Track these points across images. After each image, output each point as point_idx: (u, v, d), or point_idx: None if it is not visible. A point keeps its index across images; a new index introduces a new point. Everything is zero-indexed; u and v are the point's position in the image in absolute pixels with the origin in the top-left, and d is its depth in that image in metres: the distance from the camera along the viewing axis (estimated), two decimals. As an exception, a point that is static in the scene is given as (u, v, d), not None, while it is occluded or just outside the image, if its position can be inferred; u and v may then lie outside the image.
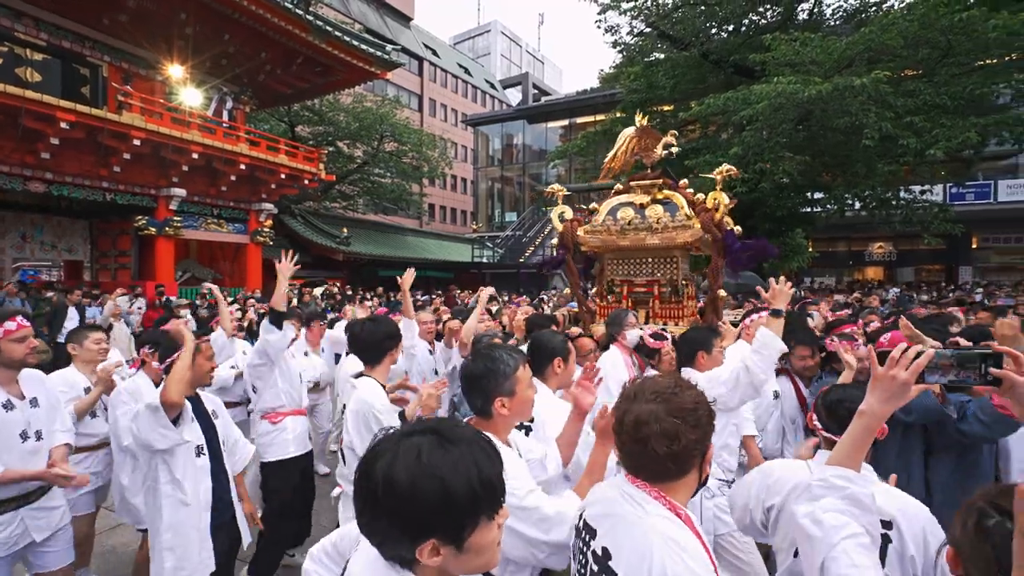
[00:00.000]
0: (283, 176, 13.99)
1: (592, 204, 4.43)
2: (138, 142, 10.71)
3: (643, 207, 4.02)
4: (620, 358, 3.20)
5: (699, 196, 3.96)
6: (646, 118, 4.16)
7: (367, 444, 2.24)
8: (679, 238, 3.83)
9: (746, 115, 10.10)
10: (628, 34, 15.17)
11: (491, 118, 33.99)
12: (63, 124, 9.56)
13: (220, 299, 3.86)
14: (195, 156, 11.77)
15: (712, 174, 3.86)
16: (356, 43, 13.83)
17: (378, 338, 2.46)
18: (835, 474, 1.15)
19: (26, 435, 2.28)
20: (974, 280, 18.64)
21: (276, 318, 2.96)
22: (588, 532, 1.22)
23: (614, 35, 15.16)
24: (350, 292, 14.83)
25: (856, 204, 12.78)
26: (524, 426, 2.08)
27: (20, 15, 10.09)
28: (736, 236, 3.78)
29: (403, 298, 3.41)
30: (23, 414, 2.29)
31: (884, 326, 3.72)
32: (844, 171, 11.80)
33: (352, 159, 22.08)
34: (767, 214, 12.60)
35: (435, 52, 36.78)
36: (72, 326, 7.86)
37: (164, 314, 10.37)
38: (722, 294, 4.04)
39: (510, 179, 33.56)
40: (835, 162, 11.59)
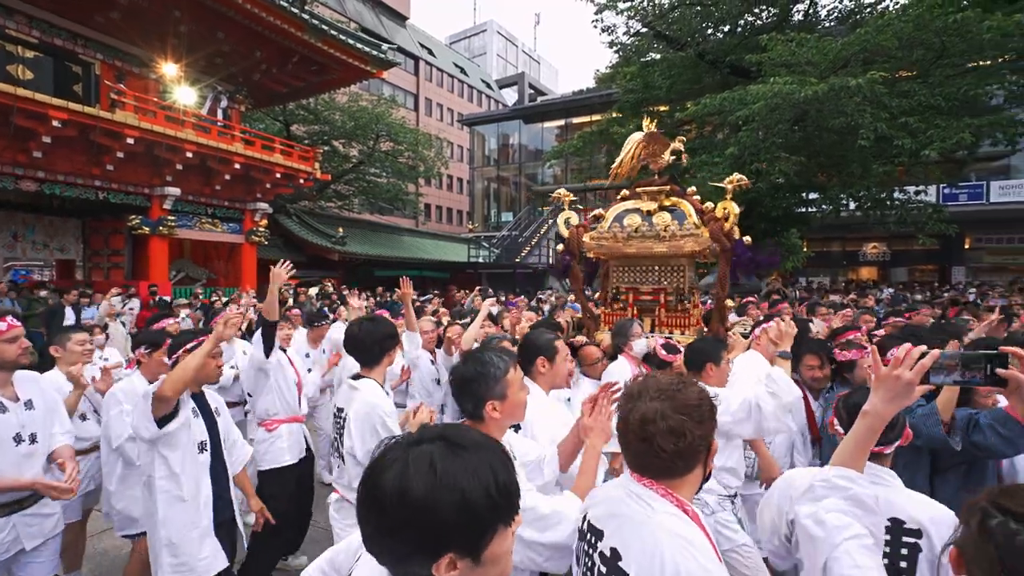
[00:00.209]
0: (278, 175, 13.91)
1: (598, 210, 4.35)
2: (131, 141, 10.61)
3: (650, 214, 3.95)
4: (628, 369, 3.15)
5: (708, 204, 3.88)
6: (654, 123, 4.05)
7: (368, 449, 2.21)
8: (687, 246, 3.76)
9: (742, 115, 10.13)
10: (624, 34, 15.21)
11: (487, 118, 33.96)
12: (55, 122, 9.46)
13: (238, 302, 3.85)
14: (189, 155, 11.68)
15: (723, 183, 3.79)
16: (352, 42, 13.77)
17: (376, 338, 2.41)
18: (838, 475, 1.15)
19: (20, 438, 2.23)
20: (967, 280, 18.79)
21: (267, 332, 2.92)
22: (594, 533, 1.21)
23: (611, 35, 15.20)
24: (346, 292, 14.75)
25: (851, 204, 12.86)
26: (513, 425, 2.07)
27: (12, 12, 9.97)
28: (746, 246, 3.71)
29: (405, 311, 3.37)
30: (17, 417, 2.24)
31: (889, 334, 3.67)
32: (839, 171, 11.86)
33: (348, 158, 21.99)
34: (763, 214, 12.65)
35: (431, 51, 36.72)
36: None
37: (157, 312, 10.32)
38: (729, 303, 4.00)
39: (506, 179, 33.53)
40: (830, 162, 11.64)
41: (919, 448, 2.23)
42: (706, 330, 3.94)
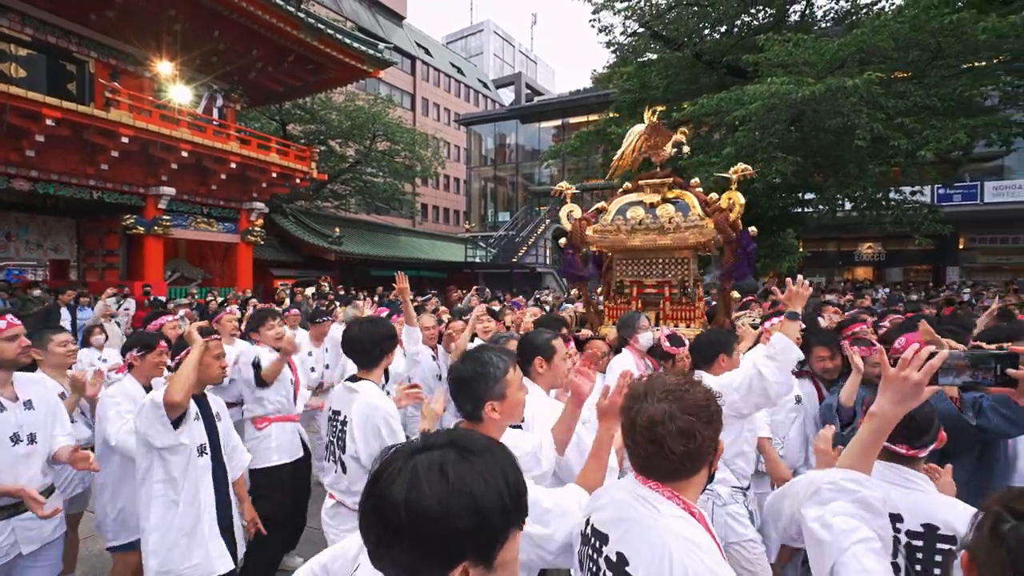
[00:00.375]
0: (274, 175, 13.86)
1: (601, 203, 4.30)
2: (126, 140, 10.54)
3: (653, 206, 3.91)
4: (633, 362, 3.12)
5: (712, 196, 3.85)
6: (655, 114, 4.01)
7: (372, 452, 2.16)
8: (691, 239, 3.72)
9: (739, 115, 10.14)
10: (621, 34, 15.20)
11: (484, 118, 33.93)
12: (49, 121, 9.39)
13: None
14: (184, 154, 11.62)
15: (728, 173, 3.76)
16: (348, 41, 13.73)
17: (376, 339, 2.36)
18: (845, 477, 1.13)
19: (18, 438, 2.19)
20: (961, 280, 18.91)
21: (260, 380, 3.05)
22: (598, 538, 1.18)
23: (608, 35, 15.17)
24: (342, 292, 14.70)
25: (847, 205, 12.89)
26: (514, 425, 2.05)
27: (5, 9, 9.89)
28: (751, 237, 3.67)
29: (404, 305, 3.32)
30: (15, 416, 2.21)
31: (895, 324, 3.64)
32: (836, 171, 11.88)
33: (344, 158, 21.92)
34: (759, 214, 12.67)
35: (428, 51, 36.66)
36: (65, 328, 7.70)
37: (150, 313, 10.25)
38: (735, 295, 3.97)
39: (503, 179, 33.51)
40: (827, 163, 11.66)
41: None
42: (709, 324, 3.89)
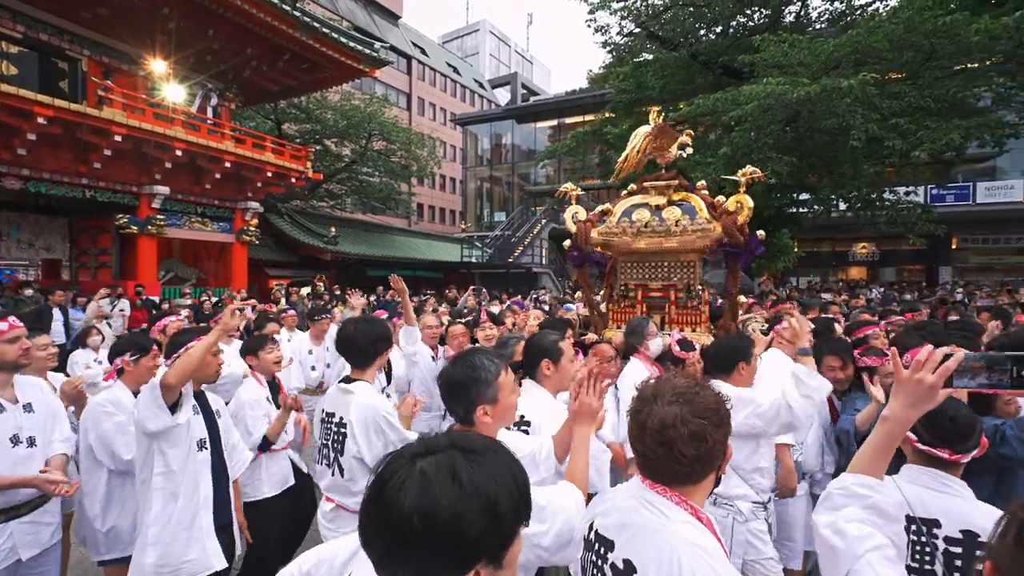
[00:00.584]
0: (269, 174, 13.77)
1: (605, 205, 4.24)
2: (119, 138, 10.45)
3: (659, 208, 3.85)
4: (643, 370, 3.05)
5: (720, 198, 3.78)
6: (661, 116, 3.94)
7: (377, 452, 2.14)
8: (699, 242, 3.65)
9: (735, 116, 10.17)
10: (618, 34, 15.22)
11: (480, 117, 33.89)
12: (40, 119, 9.28)
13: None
14: (178, 153, 11.51)
15: (736, 176, 3.71)
16: (344, 40, 13.67)
17: (371, 339, 2.35)
18: (857, 482, 1.10)
19: (17, 440, 2.18)
20: (954, 280, 19.05)
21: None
22: (603, 544, 1.16)
23: (604, 35, 15.18)
24: (338, 291, 14.64)
25: (841, 205, 12.96)
26: (523, 430, 2.03)
27: (-5, 6, 9.79)
28: (759, 241, 3.61)
29: (403, 305, 3.28)
30: (15, 418, 2.20)
31: (896, 325, 3.57)
32: (831, 172, 11.95)
33: (340, 158, 21.83)
34: (755, 214, 12.69)
35: (424, 51, 36.58)
36: (58, 328, 7.63)
37: (150, 314, 10.14)
38: (741, 299, 3.91)
39: (499, 179, 33.48)
40: (822, 163, 11.73)
41: None
42: (714, 328, 3.85)
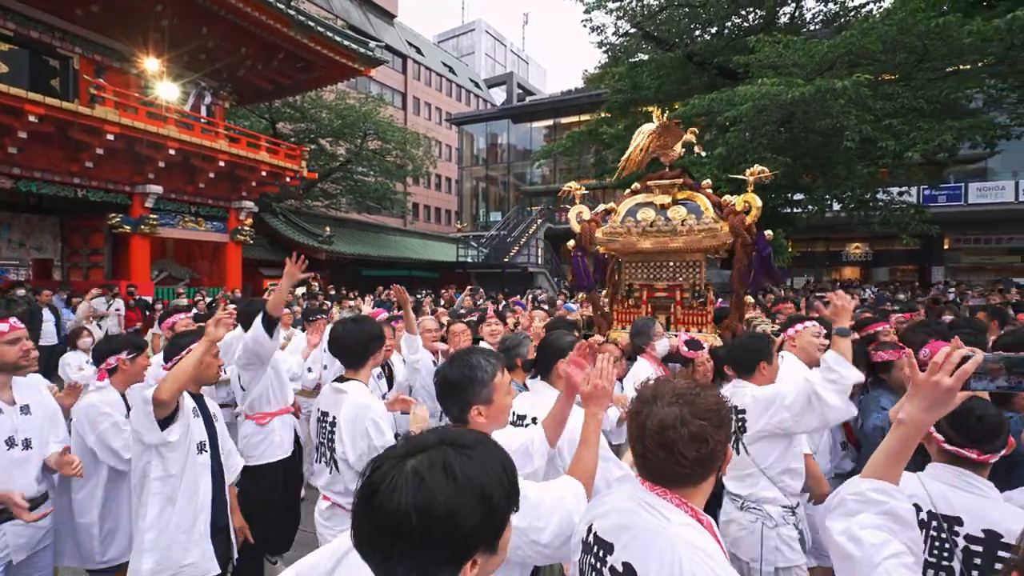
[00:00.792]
0: (264, 173, 13.71)
1: (609, 204, 4.19)
2: (112, 137, 10.36)
3: (664, 208, 3.79)
4: (651, 371, 3.03)
5: (727, 197, 3.73)
6: (666, 114, 3.88)
7: (360, 453, 2.15)
8: (705, 241, 3.60)
9: (730, 116, 10.21)
10: (613, 34, 15.25)
11: (476, 117, 33.84)
12: (31, 117, 9.19)
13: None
14: (172, 152, 11.44)
15: (744, 175, 3.67)
16: (339, 39, 13.62)
17: (362, 340, 2.34)
18: (872, 488, 1.07)
19: (13, 442, 2.14)
20: (946, 280, 19.20)
21: (268, 324, 2.78)
22: (602, 546, 1.15)
23: (599, 35, 15.22)
24: (333, 292, 14.58)
25: (835, 205, 13.03)
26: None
27: (-15, 3, 9.69)
28: (767, 241, 3.55)
29: (404, 314, 3.25)
30: (11, 420, 2.16)
31: (899, 323, 3.53)
32: (825, 172, 12.00)
33: (335, 157, 21.75)
34: (749, 214, 12.76)
35: (419, 50, 36.51)
36: (50, 329, 7.56)
37: (144, 314, 10.03)
38: (749, 299, 3.87)
39: (495, 179, 33.45)
40: (816, 163, 11.78)
41: None
42: (719, 329, 3.81)
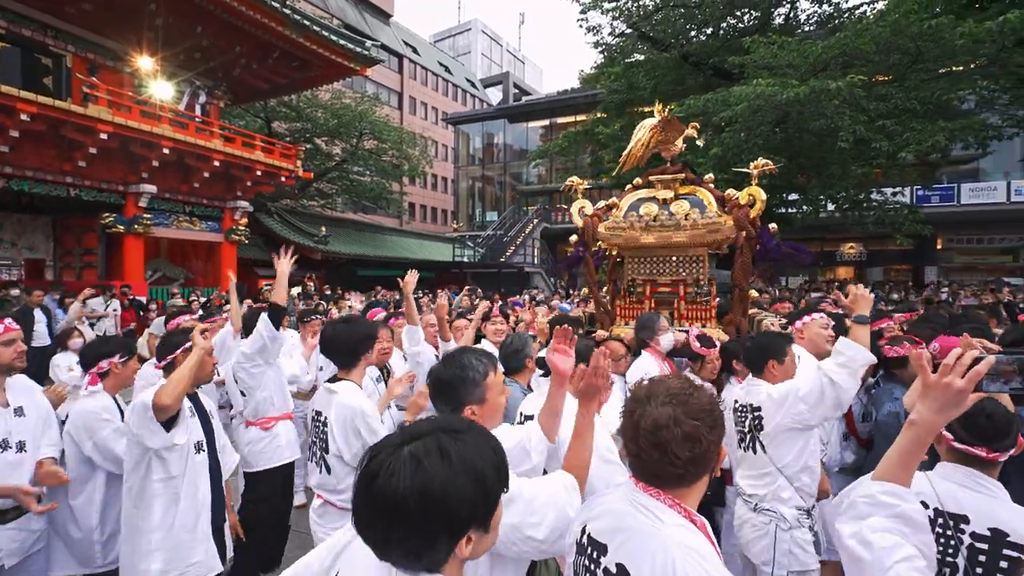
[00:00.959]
0: (259, 173, 13.64)
1: (612, 199, 4.17)
2: (105, 136, 10.29)
3: (667, 202, 3.78)
4: (653, 365, 3.02)
5: (730, 191, 3.70)
6: (668, 109, 3.86)
7: (355, 451, 2.17)
8: (709, 236, 3.59)
9: (725, 117, 10.25)
10: (609, 34, 15.26)
11: (472, 117, 33.84)
12: (23, 116, 9.11)
13: (234, 295, 3.64)
14: (166, 151, 11.36)
15: (749, 168, 3.65)
16: (334, 38, 13.58)
17: (352, 340, 2.36)
18: (883, 490, 1.07)
19: (6, 445, 2.13)
20: (939, 280, 19.34)
21: (275, 315, 2.83)
22: (596, 548, 1.15)
23: (595, 35, 15.22)
24: (329, 291, 14.54)
25: (830, 205, 13.11)
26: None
27: (-24, 1, 9.61)
28: (772, 234, 3.54)
29: (406, 303, 3.24)
30: (5, 423, 2.15)
31: (898, 321, 3.56)
32: (819, 172, 12.07)
33: (330, 156, 21.68)
34: (745, 214, 12.80)
35: (415, 50, 36.44)
36: (42, 330, 7.49)
37: (138, 314, 9.95)
38: (753, 294, 3.83)
39: (491, 178, 33.45)
40: (811, 164, 11.84)
41: None
42: (720, 324, 3.80)
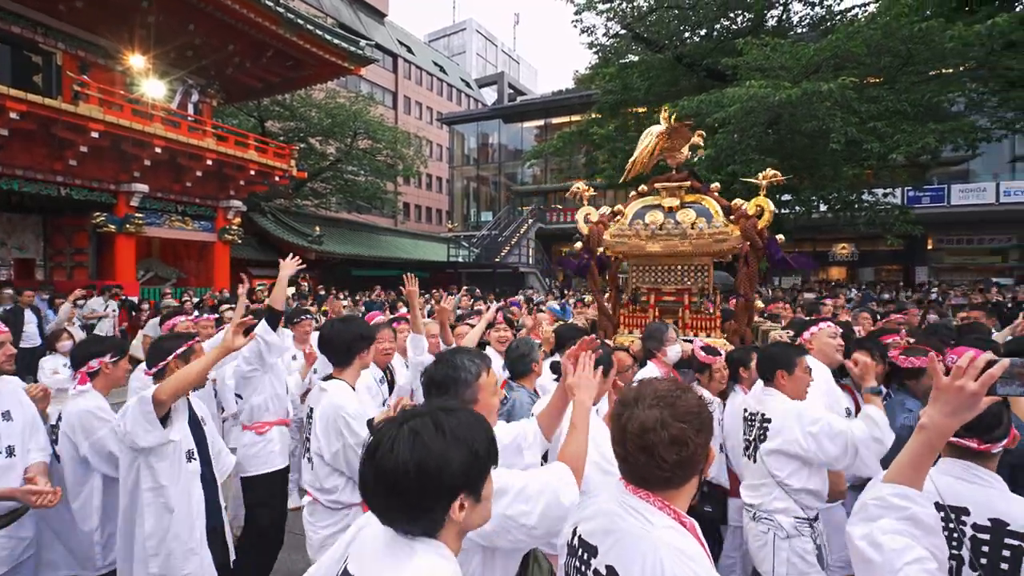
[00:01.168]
0: (252, 172, 13.56)
1: (617, 206, 4.15)
2: (96, 135, 10.18)
3: (672, 211, 3.75)
4: (658, 376, 2.93)
5: (737, 201, 3.71)
6: (672, 116, 3.85)
7: (335, 451, 2.18)
8: (715, 245, 3.56)
9: (718, 118, 10.31)
10: (604, 35, 15.32)
11: (466, 117, 33.82)
12: (13, 114, 9.01)
13: (242, 301, 3.59)
14: (158, 150, 11.27)
15: (756, 179, 3.65)
16: (328, 37, 13.52)
17: (347, 339, 2.36)
18: (893, 493, 1.06)
19: None
20: (929, 280, 19.55)
21: (273, 319, 2.81)
22: (586, 549, 1.16)
23: (590, 36, 15.28)
24: (323, 292, 14.49)
25: (822, 206, 13.22)
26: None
27: (-36, -2, 9.50)
28: (778, 244, 3.53)
29: (411, 311, 3.20)
30: None
31: (907, 320, 3.49)
32: (811, 174, 12.17)
33: (324, 156, 21.60)
34: (738, 215, 12.88)
35: (410, 49, 36.35)
36: (32, 330, 7.41)
37: (130, 315, 9.86)
38: (759, 304, 3.82)
39: (485, 178, 33.44)
40: (803, 165, 11.93)
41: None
42: (724, 333, 3.80)
